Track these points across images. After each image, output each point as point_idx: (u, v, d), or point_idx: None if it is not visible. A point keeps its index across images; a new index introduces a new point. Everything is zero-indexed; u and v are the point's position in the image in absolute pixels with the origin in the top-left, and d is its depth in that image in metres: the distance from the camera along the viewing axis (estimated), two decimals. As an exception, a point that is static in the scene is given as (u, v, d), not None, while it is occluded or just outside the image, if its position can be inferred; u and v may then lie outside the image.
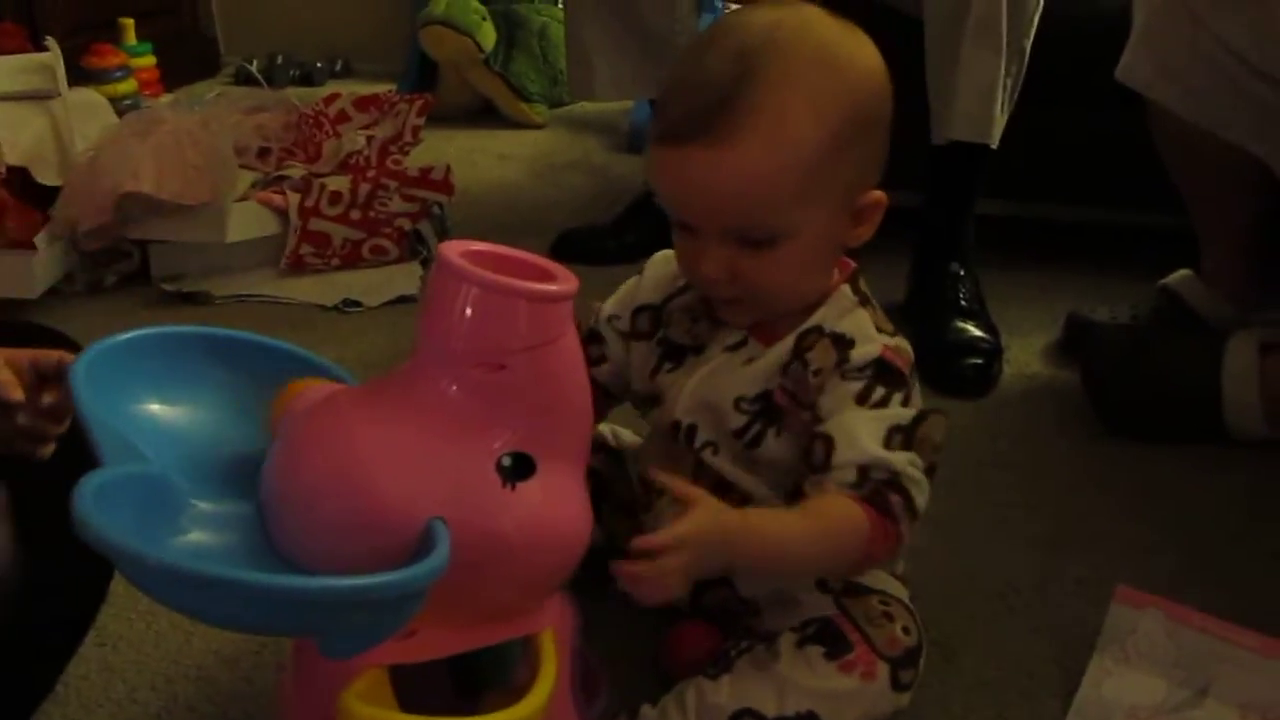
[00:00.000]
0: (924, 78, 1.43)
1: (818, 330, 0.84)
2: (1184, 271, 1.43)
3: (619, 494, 0.98)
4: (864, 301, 0.86)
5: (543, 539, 0.63)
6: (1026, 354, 1.47)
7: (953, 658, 0.94)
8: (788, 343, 0.84)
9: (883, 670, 0.80)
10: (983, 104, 1.39)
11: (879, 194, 0.83)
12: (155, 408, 0.67)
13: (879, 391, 0.81)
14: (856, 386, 0.81)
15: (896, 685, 0.81)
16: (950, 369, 1.38)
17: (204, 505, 0.62)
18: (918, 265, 1.53)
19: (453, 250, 0.63)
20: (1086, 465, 1.23)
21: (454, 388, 0.61)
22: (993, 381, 1.39)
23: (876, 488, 0.78)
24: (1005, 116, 1.43)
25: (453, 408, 0.61)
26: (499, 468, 0.62)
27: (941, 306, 1.46)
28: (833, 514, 0.78)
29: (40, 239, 1.51)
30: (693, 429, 0.87)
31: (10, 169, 1.53)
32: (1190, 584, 1.00)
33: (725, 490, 0.86)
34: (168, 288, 1.60)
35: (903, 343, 0.85)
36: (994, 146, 1.43)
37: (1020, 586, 1.03)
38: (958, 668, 0.93)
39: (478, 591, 0.62)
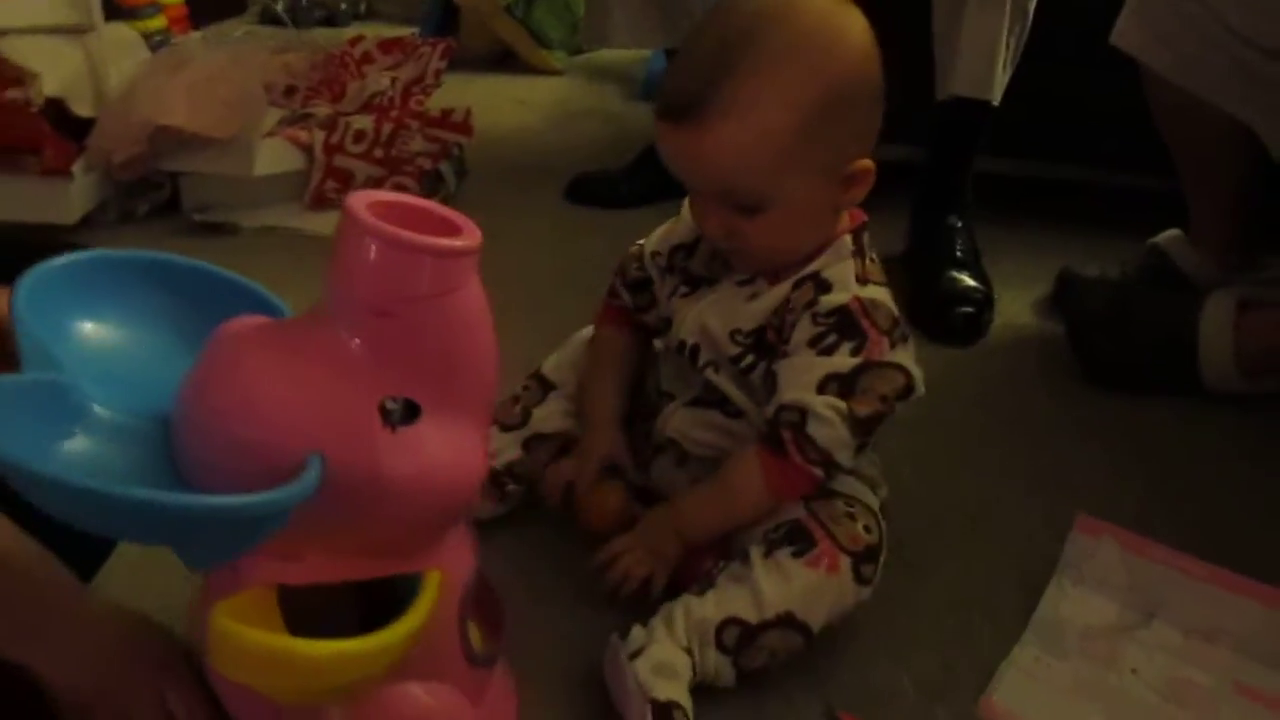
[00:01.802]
0: (929, 34, 1.48)
1: (812, 275, 0.91)
2: (1173, 231, 1.49)
3: (635, 401, 1.06)
4: (858, 253, 0.92)
5: (421, 482, 0.65)
6: (1018, 306, 1.53)
7: (923, 579, 1.01)
8: (786, 285, 0.91)
9: (845, 563, 0.87)
10: (986, 61, 1.43)
11: (867, 162, 0.88)
12: (92, 327, 0.69)
13: (831, 338, 0.88)
14: (814, 330, 0.88)
15: (859, 578, 0.88)
16: (942, 316, 1.45)
17: (110, 416, 0.64)
18: (917, 217, 1.59)
19: (358, 199, 0.64)
20: (1065, 411, 1.30)
21: (347, 331, 0.63)
22: (982, 330, 1.45)
23: (777, 428, 0.88)
24: (1008, 74, 1.47)
25: (344, 350, 0.63)
26: (382, 410, 0.63)
27: (938, 257, 1.52)
28: (734, 477, 0.91)
29: (76, 168, 1.58)
30: (696, 349, 0.95)
31: (47, 100, 1.59)
32: (1153, 521, 1.06)
33: (726, 404, 0.96)
34: (197, 218, 1.67)
35: (879, 294, 0.91)
36: (995, 103, 1.47)
37: (991, 516, 1.10)
38: (927, 587, 1.00)
39: (358, 526, 0.65)
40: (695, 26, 0.88)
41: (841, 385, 0.87)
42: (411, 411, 0.64)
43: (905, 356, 0.90)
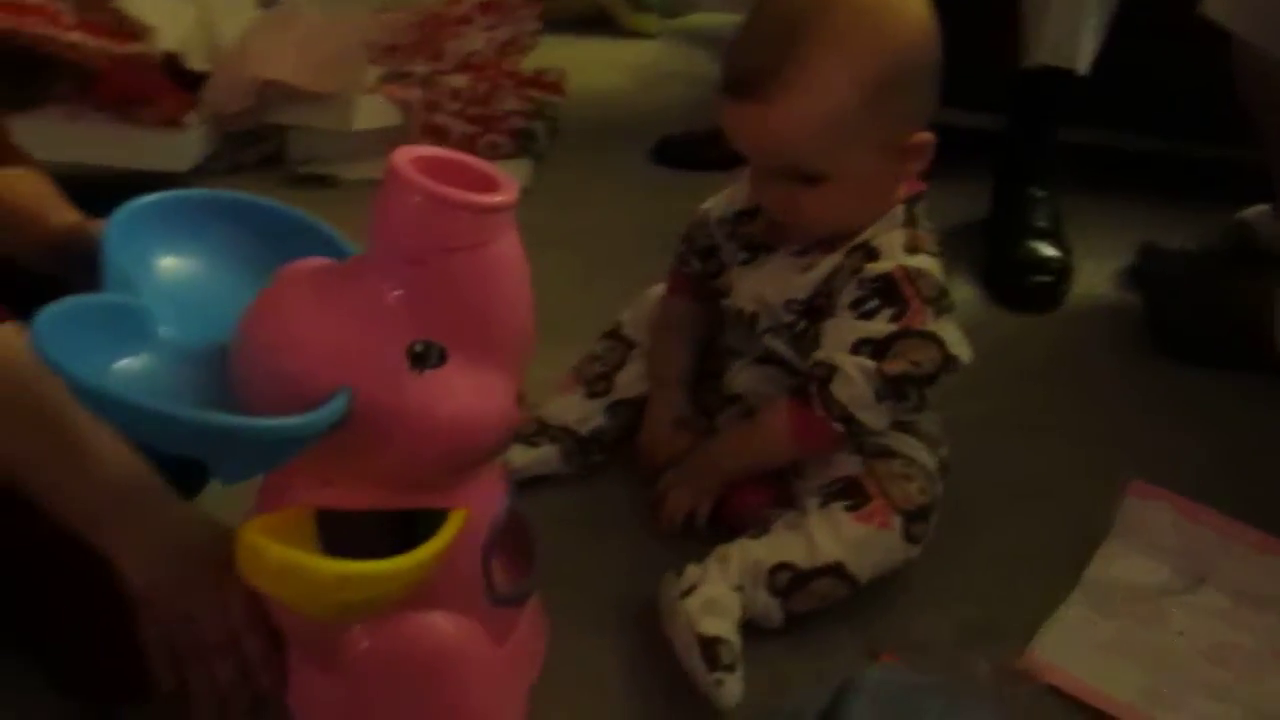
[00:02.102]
0: (1015, 2, 1.48)
1: (864, 244, 0.94)
2: (1261, 206, 1.47)
3: (708, 366, 1.10)
4: (909, 222, 0.95)
5: (442, 422, 0.68)
6: (1098, 277, 1.53)
7: (976, 535, 1.04)
8: (839, 255, 0.95)
9: (896, 521, 0.91)
10: (1071, 29, 1.43)
11: (926, 135, 0.91)
12: (172, 260, 0.76)
13: (872, 303, 0.91)
14: (857, 294, 0.92)
15: (909, 536, 0.92)
16: (1019, 285, 1.46)
17: (176, 339, 0.71)
18: (999, 186, 1.59)
19: (403, 154, 0.67)
20: (1136, 382, 1.30)
21: (383, 277, 0.68)
22: (1058, 300, 1.46)
23: (805, 382, 0.92)
24: (1096, 44, 1.46)
25: (378, 294, 0.68)
26: (410, 353, 0.67)
27: (1018, 227, 1.52)
28: (764, 422, 0.97)
29: (190, 119, 1.66)
30: (754, 315, 1.00)
31: (164, 54, 1.68)
32: (1212, 494, 1.06)
33: (783, 363, 1.00)
34: (300, 169, 1.75)
35: (926, 264, 0.93)
36: (1081, 73, 1.47)
37: (1051, 480, 1.12)
38: (980, 544, 1.03)
39: (384, 458, 0.69)
40: (760, 2, 0.91)
41: (874, 350, 0.90)
42: (438, 356, 0.68)
43: (947, 329, 0.93)
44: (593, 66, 2.37)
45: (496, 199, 0.68)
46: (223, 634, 0.77)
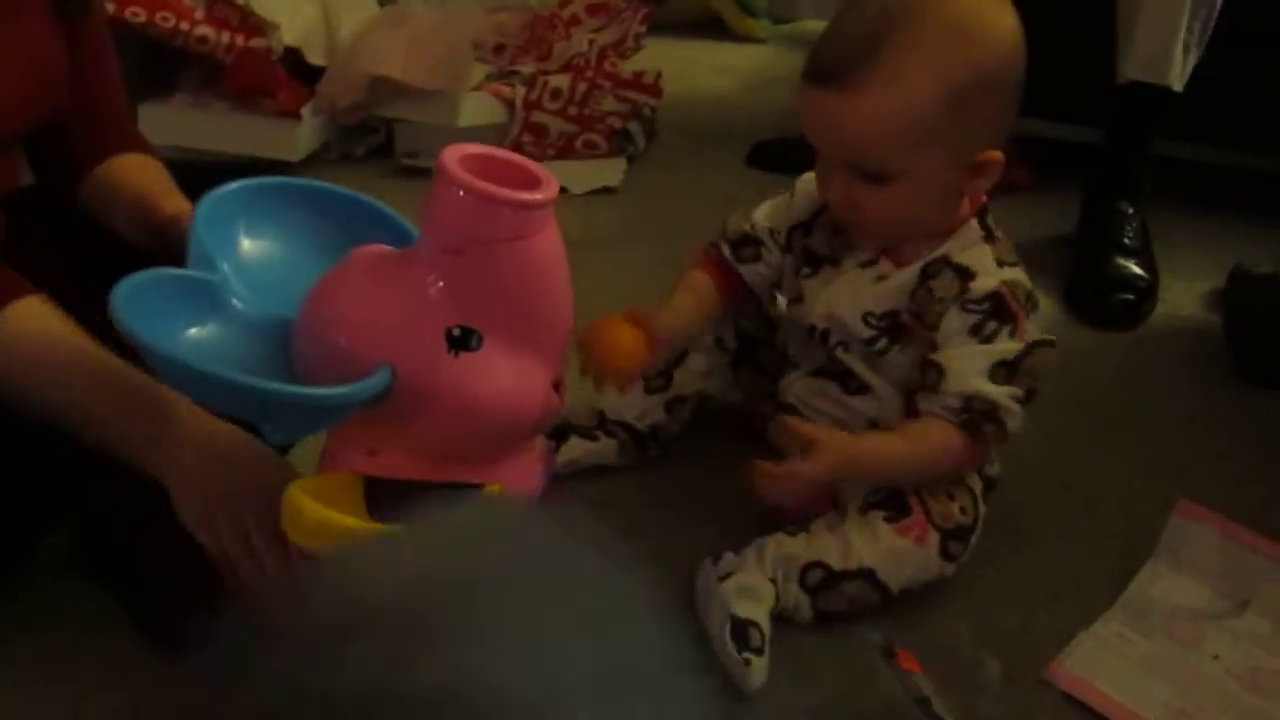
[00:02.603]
0: (1113, 14, 1.46)
1: (943, 260, 0.95)
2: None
3: (760, 358, 1.13)
4: (989, 236, 0.96)
5: (475, 402, 0.74)
6: (1185, 297, 1.50)
7: (1022, 546, 1.05)
8: (915, 268, 0.96)
9: (934, 538, 0.93)
10: (1164, 45, 1.41)
11: (997, 153, 0.92)
12: (253, 241, 0.83)
13: (991, 325, 0.92)
14: (972, 319, 0.93)
15: (945, 554, 0.93)
16: (1100, 302, 1.44)
17: (247, 313, 0.78)
18: (1089, 200, 1.57)
19: (452, 151, 0.72)
20: (1210, 405, 1.28)
21: (429, 265, 0.73)
22: (1140, 319, 1.44)
23: (974, 418, 0.92)
24: (1192, 60, 1.44)
25: (424, 281, 0.73)
26: (448, 336, 0.73)
27: (1105, 243, 1.51)
28: (932, 440, 0.93)
29: (305, 110, 1.76)
30: (826, 332, 1.01)
31: (286, 48, 1.78)
32: (1270, 522, 1.04)
33: (847, 378, 1.01)
34: (405, 162, 1.83)
35: (1019, 275, 0.95)
36: (1176, 89, 1.44)
37: (1107, 498, 1.12)
38: (1024, 555, 1.04)
39: (423, 432, 0.75)
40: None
41: (1009, 370, 0.92)
42: (474, 340, 0.73)
43: (1036, 326, 0.94)
44: (699, 69, 2.41)
45: (534, 196, 0.73)
46: (271, 529, 0.80)
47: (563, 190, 1.70)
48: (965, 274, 0.94)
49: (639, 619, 0.55)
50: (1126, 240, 1.51)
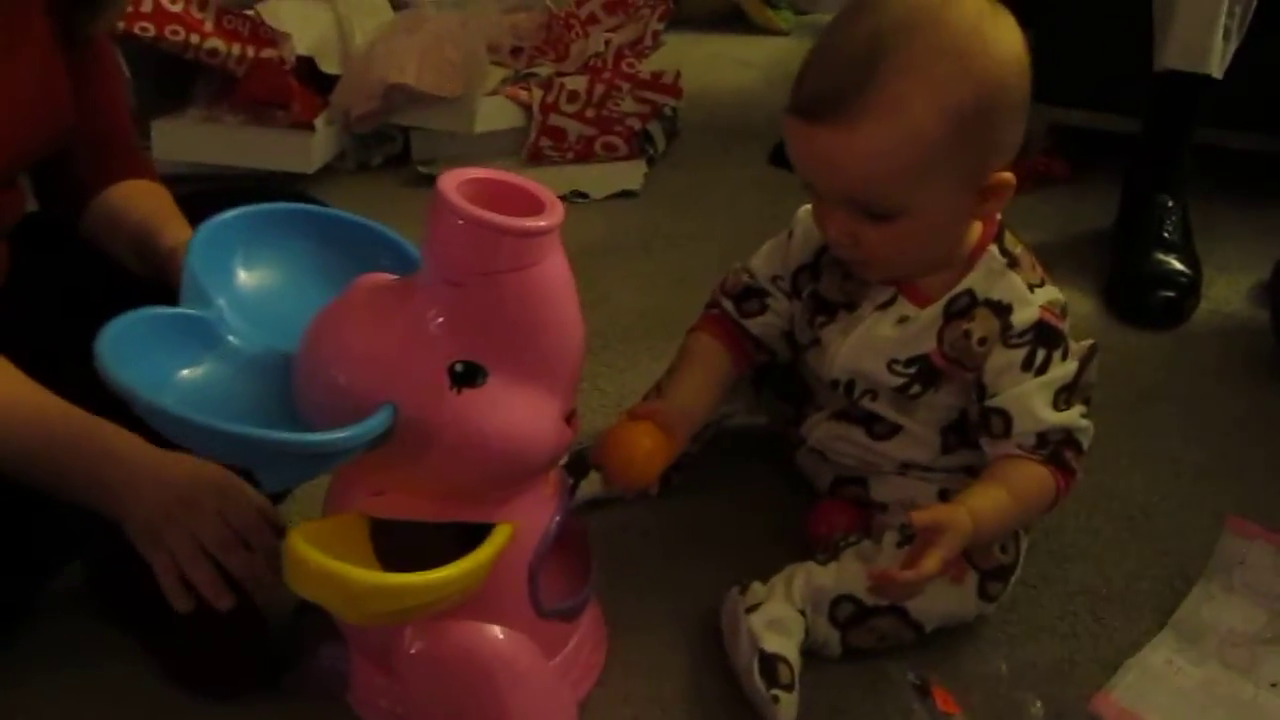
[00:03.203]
0: (1150, 0, 1.41)
1: (969, 295, 0.89)
2: None
3: (782, 383, 1.07)
4: (1012, 263, 0.90)
5: (480, 440, 0.70)
6: (1229, 292, 1.45)
7: (1064, 564, 1.00)
8: (938, 307, 0.90)
9: (971, 578, 0.88)
10: (1203, 32, 1.35)
11: (1007, 175, 0.84)
12: (250, 273, 0.80)
13: (1041, 354, 0.87)
14: (1021, 354, 0.87)
15: (983, 594, 0.89)
16: (1142, 300, 1.39)
17: (244, 349, 0.75)
18: (1128, 193, 1.52)
19: (451, 176, 0.69)
20: (1259, 407, 1.23)
21: (430, 297, 0.70)
22: (1183, 316, 1.39)
23: (1056, 450, 0.87)
24: (1231, 47, 1.38)
25: (425, 314, 0.70)
26: (450, 372, 0.69)
27: (1145, 237, 1.45)
28: (1031, 486, 0.87)
29: (319, 120, 1.73)
30: (851, 383, 0.94)
31: (299, 58, 1.75)
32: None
33: (872, 423, 0.96)
34: (423, 170, 1.80)
35: (1054, 294, 0.90)
36: (1215, 77, 1.39)
37: (1153, 511, 1.07)
38: (1066, 575, 0.99)
39: (427, 472, 0.72)
40: (836, 20, 0.84)
41: (1069, 393, 0.88)
42: (476, 375, 0.70)
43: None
44: (722, 63, 2.36)
45: (537, 223, 0.69)
46: (226, 536, 0.80)
47: (583, 195, 1.73)
48: (1002, 309, 0.88)
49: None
50: (1167, 234, 1.45)
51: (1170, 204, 1.47)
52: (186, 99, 1.75)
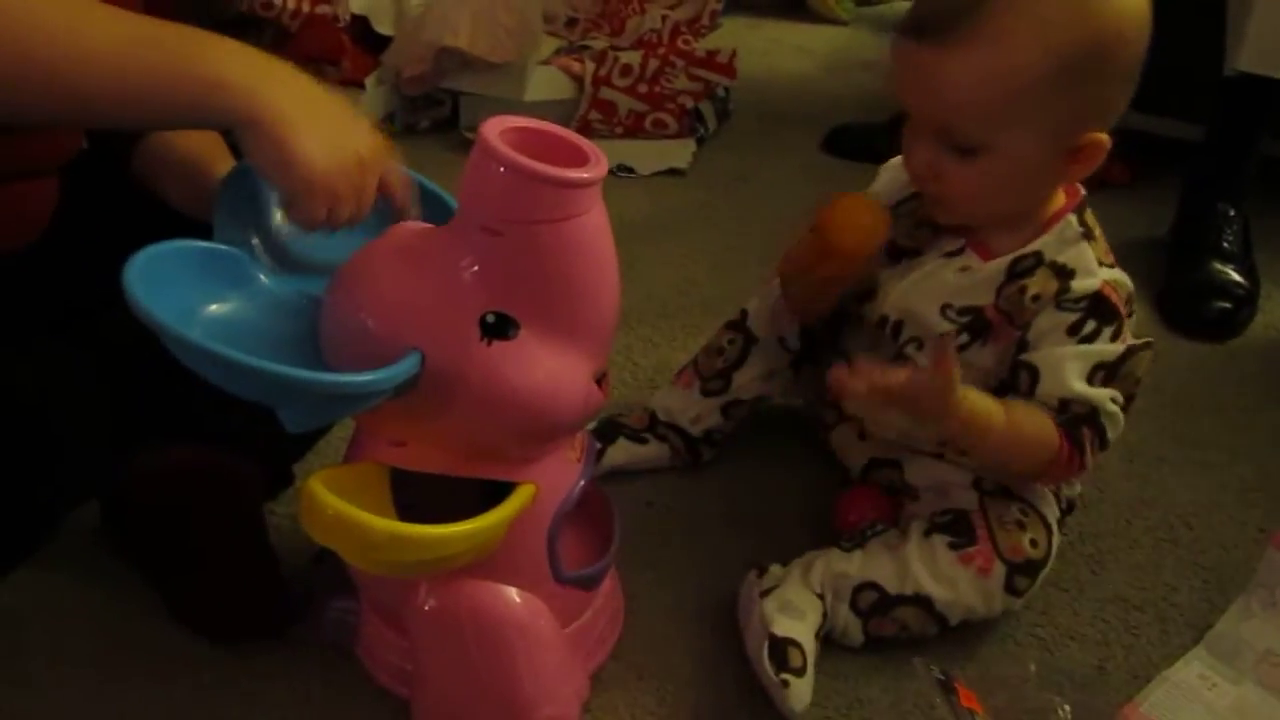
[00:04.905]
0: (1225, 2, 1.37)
1: (1036, 256, 0.87)
2: None
3: (824, 361, 1.04)
4: (1088, 234, 0.87)
5: (507, 394, 0.68)
6: (1287, 307, 1.41)
7: (1100, 571, 0.97)
8: (1003, 263, 0.87)
9: (998, 570, 0.86)
10: (1278, 35, 1.31)
11: (1102, 136, 0.82)
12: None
13: (1090, 325, 0.84)
14: (1071, 318, 0.85)
15: (1010, 589, 0.86)
16: (1196, 310, 1.35)
17: (274, 289, 0.74)
18: (1187, 200, 1.48)
19: (494, 123, 0.66)
20: (1310, 426, 1.19)
21: (464, 246, 0.68)
22: (1238, 328, 1.35)
23: (1073, 420, 0.84)
24: (1309, 52, 1.34)
25: (458, 263, 0.68)
26: (481, 322, 0.67)
27: (1202, 246, 1.41)
28: (1033, 425, 0.84)
29: (369, 80, 1.72)
30: (899, 324, 0.92)
31: (353, 16, 1.74)
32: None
33: None
34: (469, 135, 1.78)
35: (1121, 276, 0.87)
36: (1290, 83, 1.35)
37: (1195, 524, 1.04)
38: (1101, 582, 0.96)
39: (450, 425, 0.70)
40: None
41: (1108, 374, 0.84)
42: (508, 327, 0.68)
43: (1132, 333, 0.87)
44: (780, 49, 2.33)
45: (581, 174, 0.67)
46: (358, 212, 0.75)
47: (630, 170, 1.70)
48: (1064, 273, 0.85)
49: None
50: (1225, 244, 1.41)
51: (1231, 213, 1.43)
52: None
